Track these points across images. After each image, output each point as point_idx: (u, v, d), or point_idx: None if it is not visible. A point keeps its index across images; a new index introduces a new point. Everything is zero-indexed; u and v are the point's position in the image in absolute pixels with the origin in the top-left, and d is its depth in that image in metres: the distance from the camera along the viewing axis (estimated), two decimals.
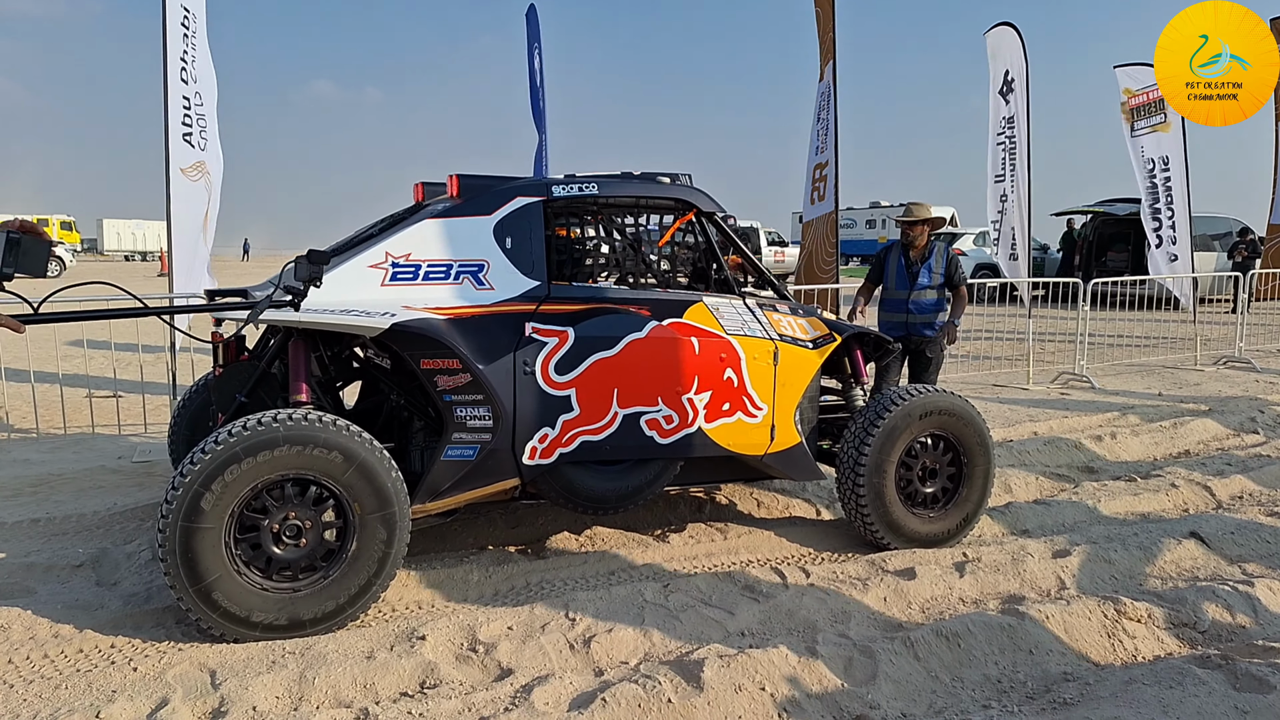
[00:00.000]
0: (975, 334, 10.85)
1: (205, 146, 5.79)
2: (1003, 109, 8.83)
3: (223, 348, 3.52)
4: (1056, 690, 2.72)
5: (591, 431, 3.40)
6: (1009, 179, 8.72)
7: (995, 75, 8.96)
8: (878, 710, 2.61)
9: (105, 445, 5.64)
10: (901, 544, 3.83)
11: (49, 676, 2.69)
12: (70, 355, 8.35)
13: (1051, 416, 6.71)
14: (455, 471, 3.23)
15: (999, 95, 8.89)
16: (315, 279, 3.00)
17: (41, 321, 2.82)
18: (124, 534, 3.98)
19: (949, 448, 3.94)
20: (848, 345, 4.17)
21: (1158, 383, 8.34)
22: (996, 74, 8.94)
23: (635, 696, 2.54)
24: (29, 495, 4.53)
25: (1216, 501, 4.72)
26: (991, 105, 8.97)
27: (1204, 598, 3.26)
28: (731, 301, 3.79)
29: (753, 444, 3.71)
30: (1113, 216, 16.83)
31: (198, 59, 5.72)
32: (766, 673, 2.70)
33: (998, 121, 8.89)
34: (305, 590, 2.93)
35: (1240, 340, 9.66)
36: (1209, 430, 6.25)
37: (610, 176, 3.73)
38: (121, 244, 51.80)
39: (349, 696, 2.60)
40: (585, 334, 3.37)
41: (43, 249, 2.45)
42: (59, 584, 3.42)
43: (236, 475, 2.80)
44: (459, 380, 3.18)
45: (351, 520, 2.97)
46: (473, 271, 3.34)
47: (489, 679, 2.74)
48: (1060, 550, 3.78)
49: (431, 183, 3.72)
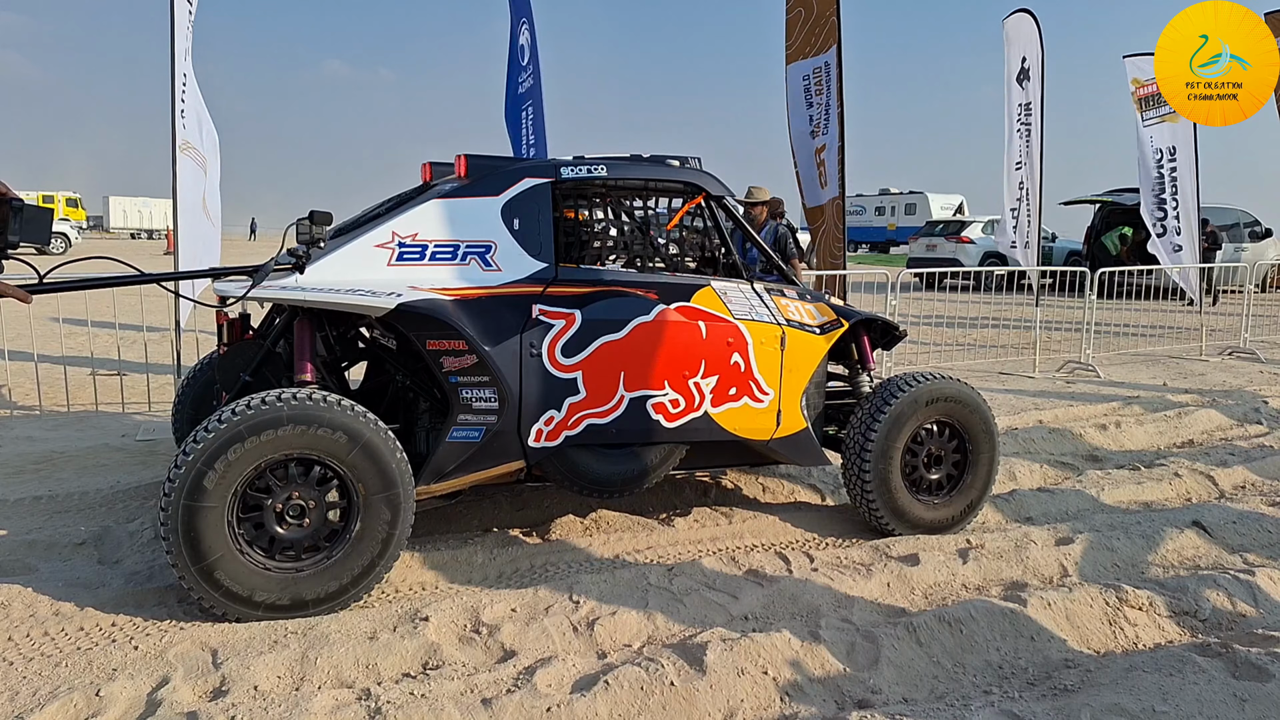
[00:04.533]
0: (982, 322, 10.82)
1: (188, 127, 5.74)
2: (1020, 95, 8.75)
3: (228, 327, 3.51)
4: (1058, 677, 2.72)
5: (598, 415, 3.39)
6: (1028, 166, 8.66)
7: (1012, 62, 8.88)
8: (880, 695, 2.62)
9: (109, 423, 5.65)
10: (906, 530, 3.83)
11: (49, 654, 2.69)
12: (74, 333, 8.35)
13: (1057, 405, 6.70)
14: (460, 453, 3.23)
15: (1015, 82, 8.80)
16: (317, 240, 2.97)
17: (47, 291, 2.80)
18: (126, 512, 3.98)
19: (954, 435, 3.93)
20: (854, 331, 4.15)
21: (1163, 372, 8.32)
22: (1013, 61, 8.86)
23: (638, 679, 2.54)
24: (31, 473, 4.53)
25: (1219, 491, 4.71)
26: (1007, 92, 8.89)
27: (1205, 586, 3.26)
28: (739, 286, 3.76)
29: (759, 429, 3.70)
30: (1120, 206, 16.76)
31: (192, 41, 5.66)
32: (769, 657, 2.70)
33: (1014, 108, 8.81)
34: (308, 570, 2.93)
35: (1246, 331, 9.63)
36: (1213, 420, 6.24)
37: (619, 159, 3.69)
38: (128, 221, 51.69)
39: (351, 677, 2.61)
40: (592, 317, 3.35)
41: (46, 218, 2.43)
42: (60, 562, 3.42)
43: (240, 454, 2.79)
44: (465, 362, 3.17)
45: (355, 501, 2.96)
46: (480, 253, 3.32)
47: (492, 660, 2.74)
48: (1063, 538, 3.77)
49: (439, 163, 3.69)
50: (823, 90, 7.49)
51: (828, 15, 7.35)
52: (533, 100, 8.31)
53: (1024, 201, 8.77)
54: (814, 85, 7.63)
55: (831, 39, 7.31)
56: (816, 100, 7.61)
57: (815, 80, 7.61)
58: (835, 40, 7.25)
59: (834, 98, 7.28)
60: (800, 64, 7.80)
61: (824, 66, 7.47)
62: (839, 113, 7.21)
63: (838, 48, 7.24)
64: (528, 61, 8.36)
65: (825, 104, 7.50)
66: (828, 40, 7.39)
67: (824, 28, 7.46)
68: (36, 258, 2.83)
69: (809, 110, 7.75)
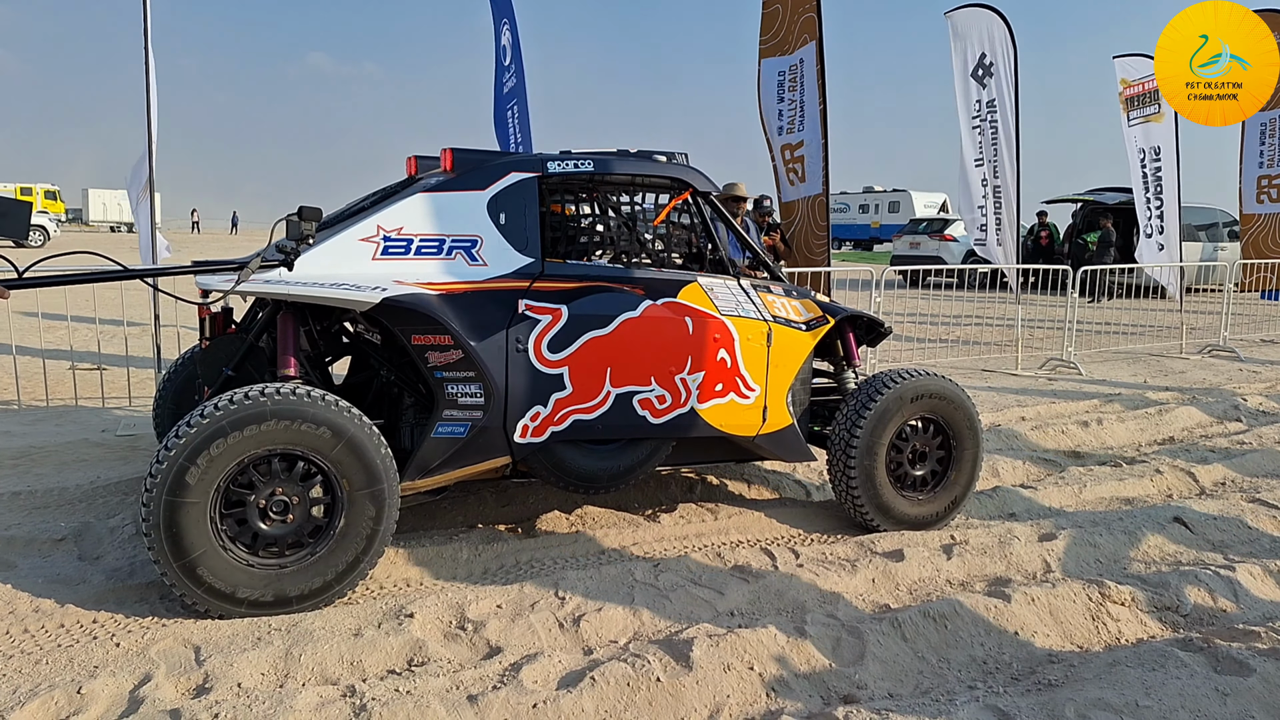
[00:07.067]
0: (965, 320, 10.89)
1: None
2: (978, 92, 8.74)
3: (210, 321, 3.47)
4: (1041, 672, 2.74)
5: (584, 410, 3.38)
6: (988, 164, 8.67)
7: (962, 57, 8.84)
8: (865, 690, 2.63)
9: (89, 418, 5.58)
10: (890, 526, 3.85)
11: (29, 651, 2.66)
12: (53, 327, 8.24)
13: (1039, 402, 6.75)
14: (446, 449, 3.21)
15: (971, 78, 8.79)
16: (306, 237, 2.94)
17: (26, 287, 2.76)
18: (107, 508, 3.93)
19: (939, 431, 3.95)
20: (840, 328, 4.16)
21: (1144, 370, 8.40)
22: (964, 56, 8.82)
23: (624, 675, 2.54)
24: (10, 468, 4.46)
25: (1199, 487, 4.77)
26: (959, 88, 8.86)
27: (1186, 582, 3.29)
28: (726, 282, 3.76)
29: (745, 425, 3.71)
30: (1102, 205, 16.90)
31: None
32: (755, 652, 2.71)
33: (970, 105, 8.80)
34: (292, 566, 2.90)
35: (1225, 329, 9.74)
36: (1193, 418, 6.31)
37: (606, 154, 3.68)
38: (108, 215, 50.89)
39: (336, 674, 2.59)
40: (579, 312, 3.34)
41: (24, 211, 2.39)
42: (40, 558, 3.38)
43: (222, 450, 2.76)
44: (451, 357, 3.15)
45: (339, 497, 2.94)
46: (466, 247, 3.30)
47: (477, 657, 2.73)
48: (1046, 534, 3.80)
49: (425, 156, 3.66)
50: (797, 87, 7.48)
51: (806, 11, 7.32)
52: (517, 99, 8.28)
53: (991, 199, 8.78)
54: (788, 81, 7.61)
55: (811, 34, 7.29)
56: (790, 96, 7.59)
57: (790, 77, 7.59)
58: (815, 36, 7.23)
59: (814, 95, 7.27)
60: (775, 60, 7.77)
61: (799, 63, 7.46)
62: (821, 110, 7.20)
63: (818, 44, 7.21)
64: (510, 61, 8.32)
65: (800, 101, 7.48)
66: (805, 36, 7.36)
67: (800, 24, 7.42)
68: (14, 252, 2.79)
69: (779, 105, 7.74)
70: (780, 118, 7.74)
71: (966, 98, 8.82)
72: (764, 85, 7.95)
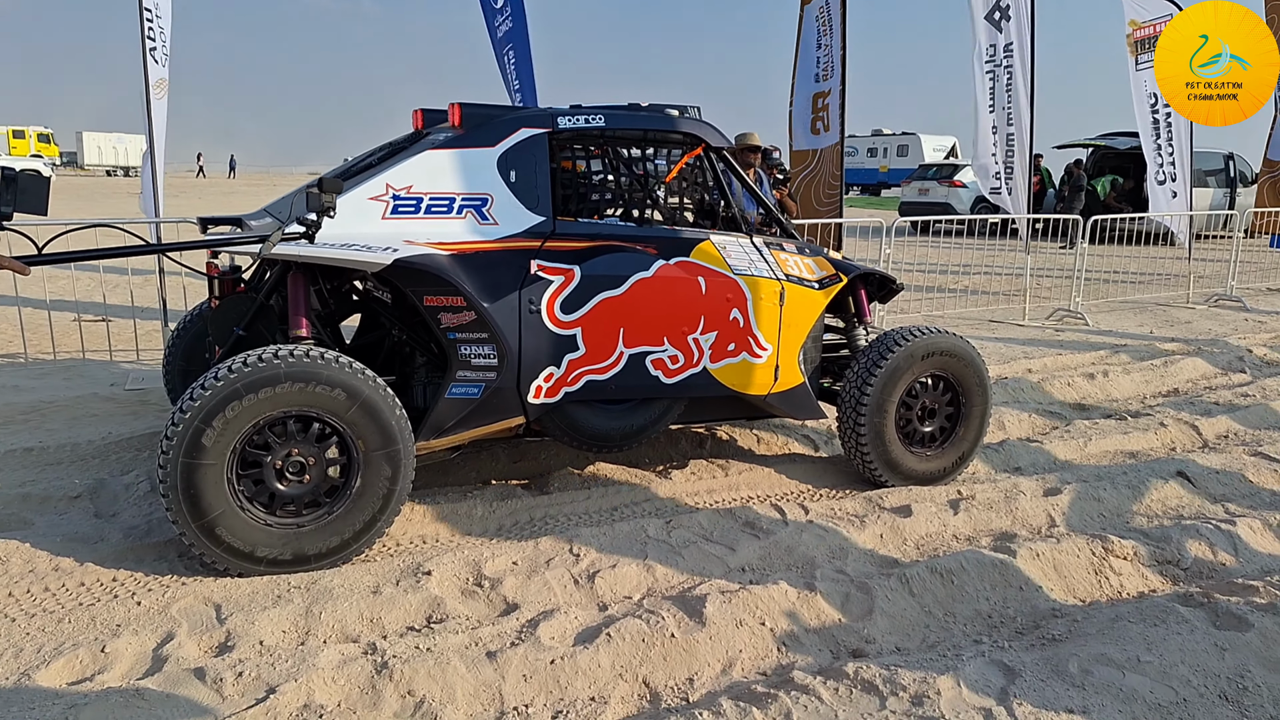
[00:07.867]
0: (973, 269, 10.82)
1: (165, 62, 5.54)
2: (993, 36, 8.51)
3: (219, 280, 3.45)
4: (1045, 626, 2.80)
5: (597, 371, 3.39)
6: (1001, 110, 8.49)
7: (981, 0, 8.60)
8: (873, 645, 2.69)
9: (96, 372, 5.59)
10: (898, 482, 3.88)
11: (51, 610, 2.70)
12: (56, 277, 8.18)
13: (1046, 354, 6.75)
14: (460, 409, 3.22)
15: (987, 21, 8.55)
16: (329, 209, 2.90)
17: (46, 263, 2.75)
18: (120, 464, 3.96)
19: (948, 388, 3.96)
20: (852, 285, 4.13)
21: (1150, 320, 8.38)
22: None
23: (639, 631, 2.59)
24: (20, 423, 4.48)
25: (1203, 441, 4.80)
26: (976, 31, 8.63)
27: (1188, 536, 3.34)
28: (739, 240, 3.72)
29: (757, 384, 3.71)
30: (1113, 150, 16.61)
31: None
32: (766, 608, 2.76)
33: (985, 49, 8.59)
34: (310, 526, 2.94)
35: (1232, 279, 9.68)
36: (1198, 369, 6.32)
37: (617, 109, 3.61)
38: (103, 158, 50.13)
39: (356, 631, 2.64)
40: (592, 273, 3.31)
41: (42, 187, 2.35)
42: (56, 515, 3.42)
43: (238, 412, 2.77)
44: (463, 318, 3.14)
45: (355, 457, 2.96)
46: (476, 206, 3.26)
47: (495, 614, 2.78)
48: (1051, 488, 3.85)
49: (432, 110, 3.58)
50: (828, 29, 7.32)
51: None
52: (514, 44, 7.99)
53: (1002, 146, 8.62)
54: (821, 26, 7.45)
55: None
56: (824, 42, 7.44)
57: (821, 21, 7.43)
58: None
59: (838, 39, 7.11)
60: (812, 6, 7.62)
61: (826, 4, 7.29)
62: (841, 55, 7.06)
63: None
64: (503, 4, 7.99)
65: (830, 45, 7.33)
66: None
67: None
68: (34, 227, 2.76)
69: (816, 53, 7.58)
70: (818, 65, 7.62)
71: (982, 42, 8.58)
72: (804, 30, 7.82)
